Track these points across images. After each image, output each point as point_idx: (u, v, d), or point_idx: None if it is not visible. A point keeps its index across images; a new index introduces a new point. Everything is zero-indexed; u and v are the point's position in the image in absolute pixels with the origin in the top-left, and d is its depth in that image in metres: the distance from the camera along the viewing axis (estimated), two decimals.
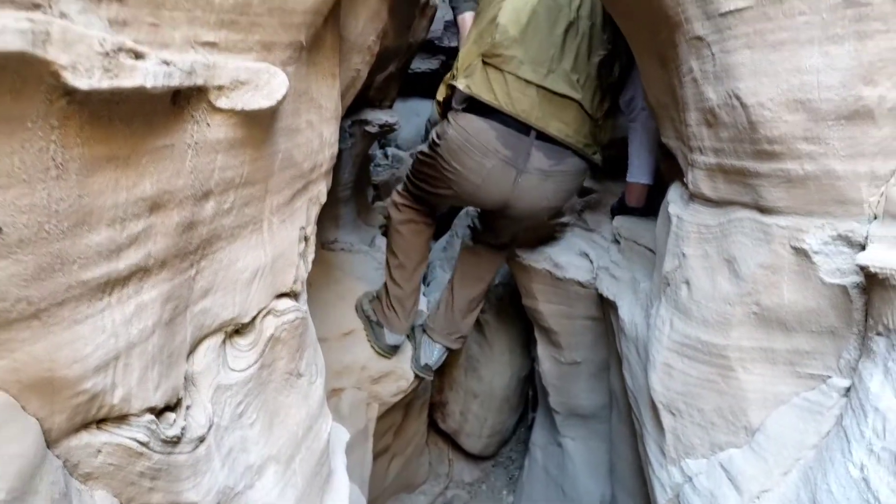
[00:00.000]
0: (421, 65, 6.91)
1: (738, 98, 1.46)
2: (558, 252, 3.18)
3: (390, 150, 6.43)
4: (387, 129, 4.48)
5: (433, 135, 2.60)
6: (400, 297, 3.00)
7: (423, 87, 6.92)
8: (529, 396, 4.69)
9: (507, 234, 3.07)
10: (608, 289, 2.69)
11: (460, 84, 2.42)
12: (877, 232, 1.31)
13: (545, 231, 3.27)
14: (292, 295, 1.48)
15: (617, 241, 2.87)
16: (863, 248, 1.33)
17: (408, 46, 3.93)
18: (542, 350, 3.51)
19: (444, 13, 5.64)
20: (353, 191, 4.35)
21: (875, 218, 1.34)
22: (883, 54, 1.25)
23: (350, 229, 4.31)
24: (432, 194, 2.79)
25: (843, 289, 1.37)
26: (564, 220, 3.32)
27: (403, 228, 2.95)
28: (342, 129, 4.04)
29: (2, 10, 0.73)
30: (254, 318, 1.35)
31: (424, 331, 3.28)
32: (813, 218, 1.42)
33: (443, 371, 4.26)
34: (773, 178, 1.46)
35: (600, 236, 3.16)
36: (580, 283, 2.99)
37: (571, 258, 3.12)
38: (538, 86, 2.37)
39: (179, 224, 1.06)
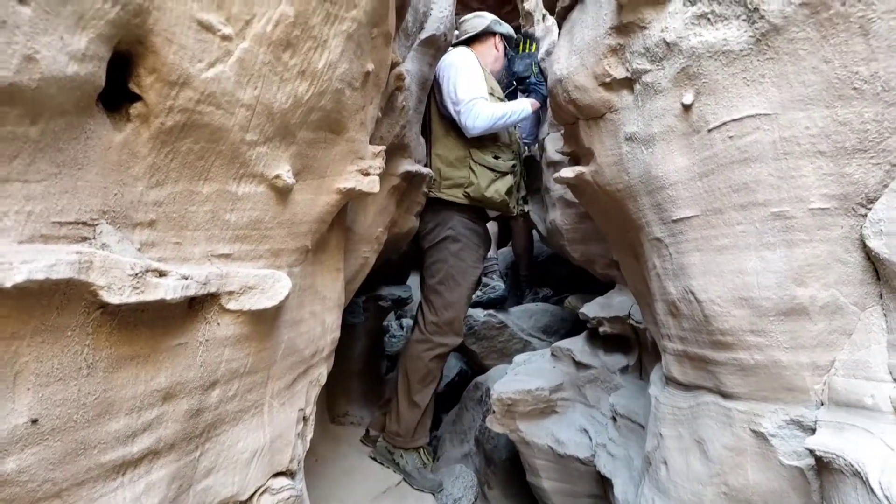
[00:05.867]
0: None
1: (693, 294, 1.64)
2: (560, 428, 3.24)
3: (406, 322, 6.60)
4: (400, 303, 4.70)
5: None
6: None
7: None
8: None
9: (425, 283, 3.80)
10: (605, 466, 2.73)
11: None
12: (823, 417, 1.42)
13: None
14: (288, 473, 1.59)
15: (614, 419, 2.94)
16: (814, 431, 1.44)
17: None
18: None
19: None
20: (365, 364, 4.48)
21: (822, 404, 1.46)
22: (809, 260, 1.43)
23: (362, 403, 4.39)
24: None
25: (801, 471, 1.47)
26: (566, 395, 3.41)
27: None
28: (356, 305, 4.26)
29: (57, 245, 0.95)
30: (251, 496, 1.46)
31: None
32: (767, 403, 1.54)
33: None
34: (729, 366, 1.60)
35: (599, 412, 3.22)
36: (580, 461, 3.01)
37: (572, 434, 3.17)
38: None
39: (188, 411, 1.21)
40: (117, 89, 1.07)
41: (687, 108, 1.59)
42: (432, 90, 3.64)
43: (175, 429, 1.19)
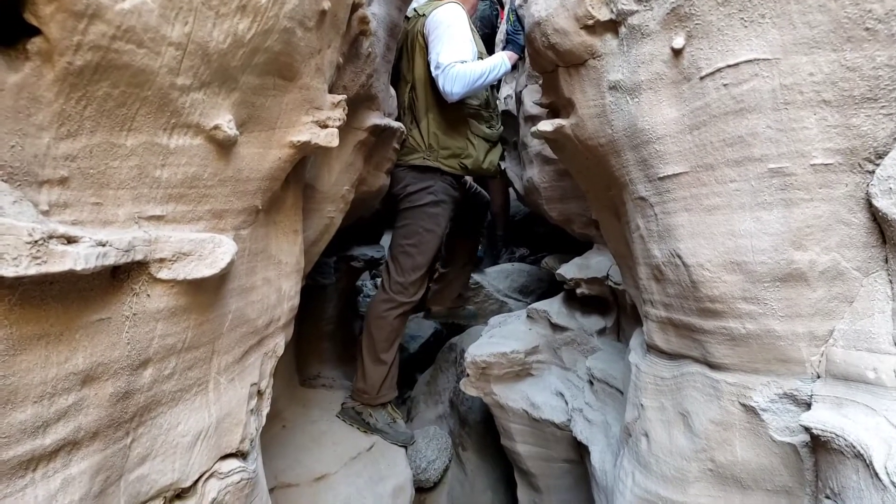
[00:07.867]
0: None
1: (679, 258, 1.51)
2: (535, 391, 3.14)
3: (380, 281, 6.45)
4: (373, 263, 4.56)
5: None
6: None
7: None
8: None
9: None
10: (581, 432, 2.63)
11: None
12: (820, 391, 1.31)
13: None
14: (239, 455, 1.46)
15: (591, 382, 2.85)
16: (809, 406, 1.33)
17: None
18: (522, 495, 3.38)
19: None
20: (337, 324, 4.36)
21: (818, 377, 1.35)
22: (809, 221, 1.30)
23: (334, 364, 4.28)
24: None
25: (794, 447, 1.36)
26: (541, 357, 3.31)
27: None
28: (327, 265, 4.11)
29: None
30: (196, 482, 1.32)
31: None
32: (759, 376, 1.43)
33: None
34: (718, 336, 1.48)
35: (576, 375, 3.12)
36: (556, 425, 2.92)
37: (548, 398, 3.08)
38: None
39: (114, 395, 1.07)
40: (12, 22, 0.90)
41: (677, 52, 1.44)
42: (425, 48, 3.46)
43: (98, 415, 1.04)
